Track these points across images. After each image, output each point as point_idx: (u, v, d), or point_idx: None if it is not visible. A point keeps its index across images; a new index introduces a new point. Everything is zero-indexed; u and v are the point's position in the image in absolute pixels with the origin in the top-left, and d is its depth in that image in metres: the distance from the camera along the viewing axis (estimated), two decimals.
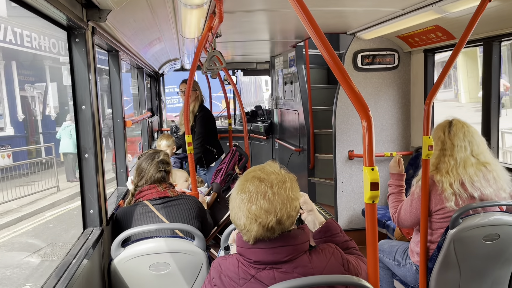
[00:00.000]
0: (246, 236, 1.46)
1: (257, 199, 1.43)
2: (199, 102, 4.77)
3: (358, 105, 1.43)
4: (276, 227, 1.43)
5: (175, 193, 2.75)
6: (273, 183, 1.46)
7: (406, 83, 4.60)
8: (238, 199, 1.47)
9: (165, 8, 3.00)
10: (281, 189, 1.46)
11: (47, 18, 2.08)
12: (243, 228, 1.46)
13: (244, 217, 1.44)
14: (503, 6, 2.78)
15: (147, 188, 2.72)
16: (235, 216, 1.48)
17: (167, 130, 6.91)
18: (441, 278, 2.58)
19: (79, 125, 2.44)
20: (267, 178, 1.47)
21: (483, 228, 2.47)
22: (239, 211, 1.46)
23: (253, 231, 1.43)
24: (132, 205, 2.73)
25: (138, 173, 2.78)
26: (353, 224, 4.68)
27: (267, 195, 1.44)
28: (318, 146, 5.57)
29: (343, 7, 3.41)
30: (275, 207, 1.43)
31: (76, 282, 1.99)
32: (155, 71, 6.88)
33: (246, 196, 1.45)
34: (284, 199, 1.45)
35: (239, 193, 1.48)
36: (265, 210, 1.42)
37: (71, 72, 2.41)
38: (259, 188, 1.45)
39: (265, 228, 1.42)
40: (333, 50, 1.45)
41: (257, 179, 1.47)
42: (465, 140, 2.59)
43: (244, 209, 1.44)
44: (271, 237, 1.45)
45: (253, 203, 1.43)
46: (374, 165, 1.44)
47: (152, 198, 2.68)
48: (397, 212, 2.82)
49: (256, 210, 1.42)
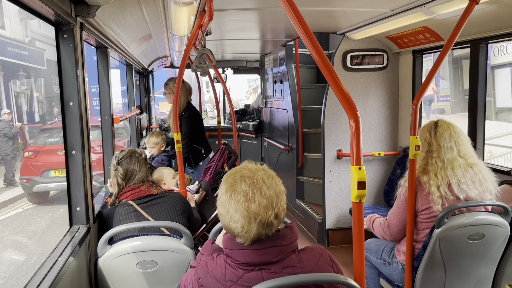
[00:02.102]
0: (243, 238, 1.43)
1: (254, 197, 1.42)
2: (182, 102, 4.70)
3: (346, 105, 1.44)
4: (274, 222, 1.43)
5: (158, 191, 2.70)
6: (264, 178, 1.46)
7: (395, 84, 4.64)
8: (232, 201, 1.43)
9: (154, 5, 2.99)
10: (273, 183, 1.47)
11: (35, 13, 2.05)
12: (240, 231, 1.42)
13: (243, 218, 1.41)
14: (490, 8, 2.82)
15: (131, 188, 2.65)
16: (231, 219, 1.43)
17: (156, 128, 6.87)
18: (426, 277, 2.61)
19: (66, 121, 2.41)
20: (255, 175, 1.46)
21: (468, 228, 2.50)
22: (235, 213, 1.42)
23: (253, 230, 1.41)
24: (116, 205, 2.67)
25: (126, 176, 2.69)
26: (341, 223, 4.71)
27: (263, 191, 1.43)
28: (307, 145, 5.59)
29: (333, 7, 3.43)
30: (271, 202, 1.43)
31: (62, 280, 1.98)
32: (145, 68, 6.84)
33: (242, 197, 1.42)
34: (277, 193, 1.46)
35: (232, 195, 1.44)
36: (264, 206, 1.41)
37: (59, 68, 2.38)
38: (252, 186, 1.43)
39: (264, 225, 1.41)
40: (322, 49, 1.46)
41: (247, 178, 1.45)
42: (451, 140, 2.60)
43: (241, 209, 1.41)
44: (269, 233, 1.43)
45: (251, 202, 1.41)
46: (361, 165, 1.45)
47: (136, 197, 2.63)
48: (385, 220, 2.83)
49: (255, 208, 1.41)
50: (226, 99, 8.93)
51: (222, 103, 9.33)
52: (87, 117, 2.54)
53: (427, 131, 2.67)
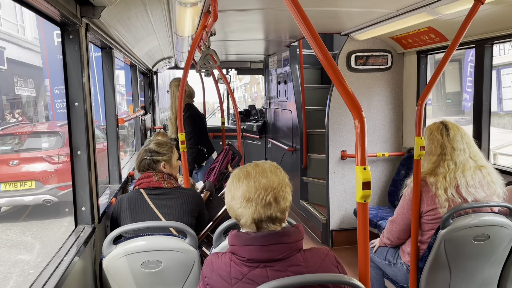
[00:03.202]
0: (244, 217, 1.49)
1: (256, 176, 1.51)
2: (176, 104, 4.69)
3: (351, 105, 1.44)
4: (274, 205, 1.48)
5: (171, 185, 2.73)
6: (270, 168, 1.55)
7: (399, 84, 4.63)
8: (235, 180, 1.53)
9: (159, 5, 3.00)
10: (278, 172, 1.55)
11: (40, 13, 2.06)
12: (239, 207, 1.49)
13: (242, 195, 1.49)
14: (496, 9, 2.81)
15: (144, 176, 2.74)
16: (233, 198, 1.52)
17: (160, 128, 6.89)
18: (431, 278, 2.61)
19: (71, 122, 2.43)
20: (261, 164, 1.57)
21: (474, 229, 2.49)
22: (237, 191, 1.50)
23: (252, 207, 1.47)
24: (130, 192, 2.74)
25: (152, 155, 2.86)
26: (345, 224, 4.70)
27: (265, 174, 1.51)
28: (311, 146, 5.58)
29: (337, 8, 3.42)
30: (272, 184, 1.50)
31: (67, 279, 1.99)
32: (149, 68, 6.86)
33: (244, 176, 1.52)
34: (281, 180, 1.53)
35: (237, 178, 1.53)
36: (263, 185, 1.49)
37: (64, 68, 2.40)
38: (256, 168, 1.54)
39: (263, 203, 1.47)
40: (327, 50, 1.46)
41: (253, 164, 1.57)
42: (463, 142, 2.56)
43: (243, 186, 1.50)
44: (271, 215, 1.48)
45: (251, 180, 1.50)
46: (366, 165, 1.45)
47: (147, 187, 2.68)
48: (390, 221, 2.83)
49: (254, 184, 1.49)
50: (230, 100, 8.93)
51: (226, 104, 9.34)
52: (92, 117, 2.56)
53: (438, 133, 2.61)
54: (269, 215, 1.48)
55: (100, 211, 2.75)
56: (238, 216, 1.52)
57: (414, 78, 4.39)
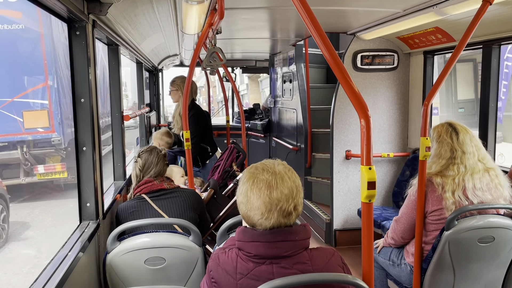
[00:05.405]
0: (262, 226, 1.46)
1: (277, 185, 1.45)
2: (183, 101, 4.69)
3: (357, 104, 1.44)
4: (293, 214, 1.47)
5: (171, 186, 2.80)
6: (285, 170, 1.50)
7: (405, 84, 4.61)
8: (255, 188, 1.46)
9: (166, 3, 3.00)
10: (292, 175, 1.51)
11: (48, 9, 2.07)
12: (260, 217, 1.45)
13: (264, 205, 1.44)
14: (504, 9, 2.79)
15: (145, 182, 2.77)
16: (251, 207, 1.46)
17: (165, 126, 6.89)
18: (435, 279, 2.60)
19: (77, 118, 2.44)
20: (276, 168, 1.50)
21: (479, 230, 2.48)
22: (257, 201, 1.45)
23: (273, 218, 1.44)
24: (131, 199, 2.77)
25: (144, 167, 2.85)
26: (349, 224, 4.69)
27: (284, 180, 1.47)
28: (316, 145, 5.57)
29: (344, 7, 3.41)
30: (292, 192, 1.47)
31: (72, 274, 1.99)
32: (154, 66, 6.86)
33: (264, 184, 1.45)
34: (297, 185, 1.50)
35: (254, 183, 1.47)
36: (286, 194, 1.45)
37: (71, 64, 2.41)
38: (274, 175, 1.47)
39: (284, 214, 1.45)
40: (334, 49, 1.45)
41: (268, 168, 1.50)
42: (472, 145, 2.53)
43: (264, 196, 1.45)
44: (288, 223, 1.46)
45: (273, 189, 1.45)
46: (371, 164, 1.44)
47: (149, 191, 2.72)
48: (394, 220, 2.82)
49: (277, 195, 1.44)
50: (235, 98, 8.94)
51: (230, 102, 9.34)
52: (98, 113, 2.57)
53: (447, 136, 2.56)
54: (288, 223, 1.48)
55: (105, 208, 2.76)
56: (256, 225, 1.48)
57: (420, 79, 4.37)
